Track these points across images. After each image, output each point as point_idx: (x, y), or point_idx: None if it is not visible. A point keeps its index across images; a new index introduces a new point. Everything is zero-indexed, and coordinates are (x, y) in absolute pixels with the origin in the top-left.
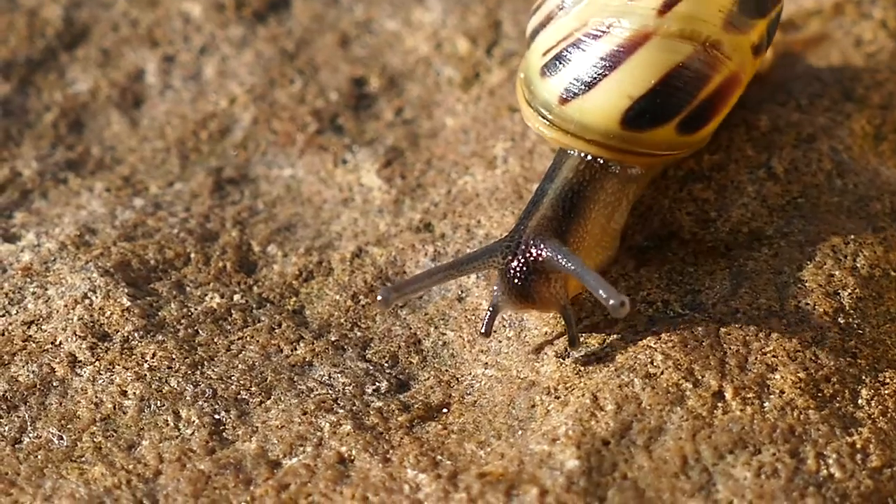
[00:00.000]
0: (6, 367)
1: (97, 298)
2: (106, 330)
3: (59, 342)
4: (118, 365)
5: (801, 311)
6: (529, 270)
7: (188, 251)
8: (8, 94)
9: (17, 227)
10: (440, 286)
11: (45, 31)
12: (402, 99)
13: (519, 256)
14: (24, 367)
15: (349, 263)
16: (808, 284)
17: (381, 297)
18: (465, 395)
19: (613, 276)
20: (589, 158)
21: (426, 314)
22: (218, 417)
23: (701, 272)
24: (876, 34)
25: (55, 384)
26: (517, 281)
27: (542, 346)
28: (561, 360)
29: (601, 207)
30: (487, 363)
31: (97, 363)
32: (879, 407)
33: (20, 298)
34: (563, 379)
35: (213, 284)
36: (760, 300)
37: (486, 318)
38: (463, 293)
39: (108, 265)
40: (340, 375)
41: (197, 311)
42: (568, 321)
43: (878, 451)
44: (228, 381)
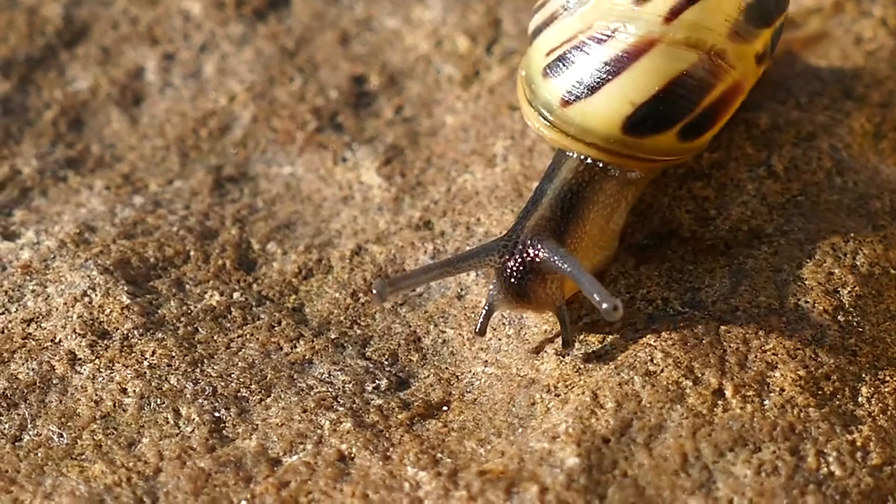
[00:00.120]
0: (6, 364)
1: (97, 296)
2: (105, 328)
3: (58, 340)
4: (118, 363)
5: (800, 308)
6: (526, 270)
7: (188, 249)
8: (8, 91)
9: (16, 224)
10: (437, 283)
11: (44, 29)
12: (401, 97)
13: (516, 256)
14: (23, 364)
15: (349, 261)
16: (807, 282)
17: (375, 290)
18: (465, 392)
19: (613, 273)
20: (588, 161)
21: (426, 312)
22: (218, 415)
23: (701, 270)
24: (876, 32)
25: (55, 382)
26: (513, 280)
27: (542, 343)
28: (561, 357)
29: (600, 209)
30: (487, 361)
31: (97, 361)
32: (879, 405)
33: (20, 296)
34: (563, 377)
35: (212, 282)
36: (760, 298)
37: (481, 317)
38: (463, 291)
39: (107, 263)
40: (340, 373)
41: (196, 308)
42: (563, 322)
43: (878, 448)
44: (228, 378)
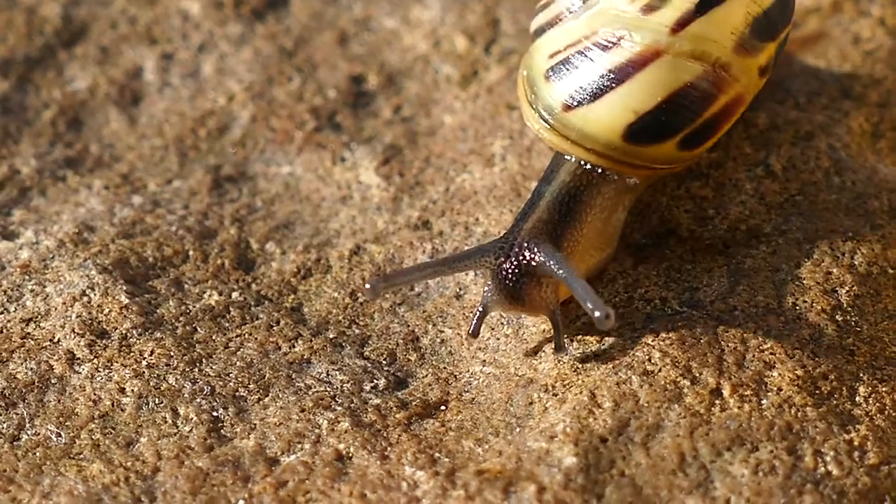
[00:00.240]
0: (4, 364)
1: (95, 296)
2: (104, 327)
3: (57, 339)
4: (116, 362)
5: (798, 308)
6: (521, 273)
7: (186, 248)
8: (6, 91)
9: (15, 224)
10: (436, 283)
11: (43, 28)
12: (400, 97)
13: (512, 258)
14: (22, 364)
15: (347, 261)
16: (805, 282)
17: (369, 286)
18: (463, 392)
19: (611, 273)
20: (587, 166)
21: (424, 311)
22: (216, 415)
23: (699, 270)
24: (874, 32)
25: (53, 381)
26: (508, 282)
27: (540, 343)
28: (565, 351)
29: (597, 212)
30: (485, 360)
31: (95, 360)
32: (877, 404)
33: (19, 296)
34: (560, 376)
35: (211, 282)
36: (758, 298)
37: (474, 318)
38: (461, 291)
39: (106, 262)
40: (338, 373)
41: (195, 308)
42: (556, 326)
43: (875, 448)
44: (226, 378)
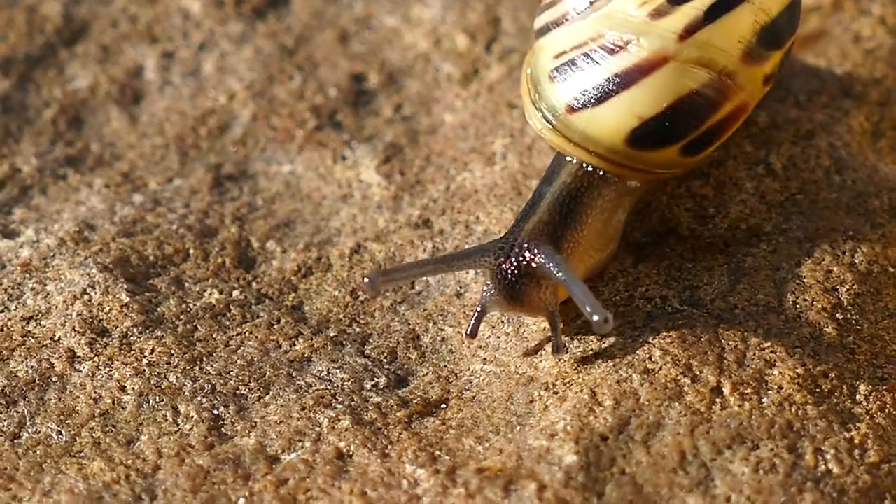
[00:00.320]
0: (5, 362)
1: (96, 294)
2: (105, 325)
3: (58, 338)
4: (117, 360)
5: (799, 307)
6: (521, 274)
7: (187, 247)
8: (7, 90)
9: (16, 223)
10: (437, 281)
11: (44, 27)
12: (401, 95)
13: (512, 259)
14: (23, 362)
15: (348, 259)
16: (806, 280)
17: (368, 281)
18: (463, 390)
19: (612, 272)
20: (589, 168)
21: (425, 310)
22: (217, 413)
23: (699, 268)
24: (875, 30)
25: (54, 379)
26: (508, 283)
27: (540, 342)
28: (563, 352)
29: (598, 213)
30: (486, 359)
31: (96, 359)
32: (878, 402)
33: (19, 294)
34: (561, 374)
35: (211, 280)
36: (759, 296)
37: (473, 318)
38: (462, 289)
39: (107, 261)
40: (339, 371)
41: (196, 306)
42: (554, 327)
43: (875, 446)
44: (227, 376)
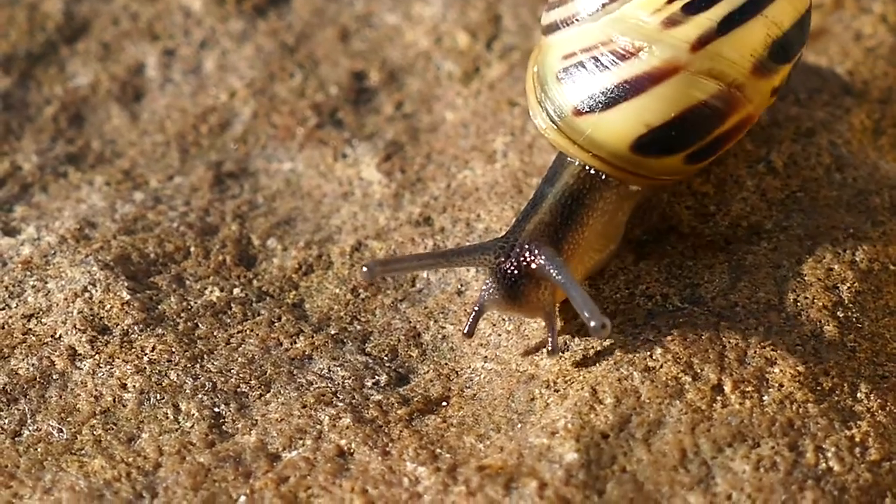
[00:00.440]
0: (6, 360)
1: (97, 292)
2: (106, 323)
3: (58, 335)
4: (118, 358)
5: (800, 305)
6: (521, 274)
7: (188, 245)
8: (8, 87)
9: (17, 220)
10: (437, 279)
11: (45, 24)
12: (401, 93)
13: (512, 259)
14: (23, 360)
15: (349, 257)
16: (807, 278)
17: (366, 268)
18: (464, 388)
19: (612, 269)
20: (591, 171)
21: (426, 308)
22: (217, 410)
23: (700, 266)
24: (876, 28)
25: (55, 377)
26: (507, 282)
27: (541, 340)
28: (560, 353)
29: (599, 215)
30: (487, 357)
31: (97, 356)
32: (878, 400)
33: (20, 292)
34: (562, 372)
35: (212, 278)
36: (759, 294)
37: (470, 318)
38: (463, 287)
39: (107, 259)
40: (340, 369)
41: (196, 304)
42: (551, 328)
43: (876, 444)
44: (228, 374)
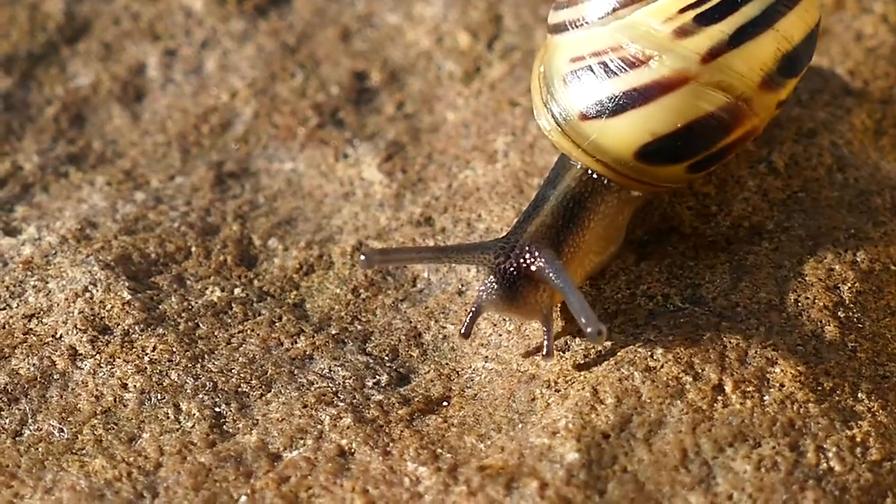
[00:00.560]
0: (7, 360)
1: (98, 292)
2: (106, 323)
3: (59, 335)
4: (119, 358)
5: (801, 305)
6: (520, 275)
7: (189, 245)
8: (9, 88)
9: (18, 220)
10: (438, 279)
11: (46, 24)
12: (403, 93)
13: (512, 260)
14: (24, 359)
15: (350, 257)
16: (808, 278)
17: (364, 256)
18: (465, 388)
19: (614, 269)
20: (594, 175)
21: (426, 308)
22: (218, 410)
23: (701, 266)
24: (877, 29)
25: (56, 377)
26: (506, 283)
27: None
28: (561, 353)
29: (600, 218)
30: (488, 356)
31: (98, 356)
32: (879, 400)
33: (21, 292)
34: (563, 372)
35: (213, 278)
36: (760, 294)
37: (468, 318)
38: (463, 287)
39: (108, 259)
40: (341, 369)
41: (197, 304)
42: (548, 331)
43: (877, 444)
44: (229, 374)
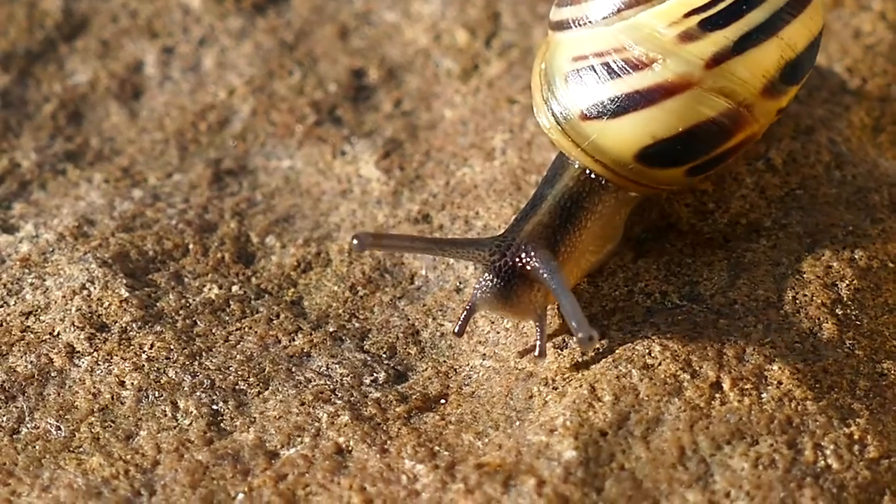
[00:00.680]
0: (4, 357)
1: (95, 289)
2: (104, 320)
3: (57, 333)
4: (116, 355)
5: (799, 302)
6: (515, 274)
7: (186, 242)
8: (7, 85)
9: (15, 217)
10: (435, 276)
11: (44, 22)
12: (400, 90)
13: (507, 258)
14: (22, 357)
15: (347, 255)
16: (806, 276)
17: (357, 239)
18: (462, 385)
19: (612, 267)
20: (592, 175)
21: (424, 305)
22: (216, 408)
23: (699, 263)
24: (875, 26)
25: (53, 375)
26: (500, 281)
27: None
28: (559, 351)
29: (597, 218)
30: (485, 354)
31: (95, 354)
32: (877, 398)
33: (18, 289)
34: (560, 370)
35: (211, 275)
36: (758, 291)
37: (461, 317)
38: (461, 284)
39: (106, 256)
40: (338, 366)
41: (195, 301)
42: (541, 331)
43: (875, 442)
44: (226, 371)
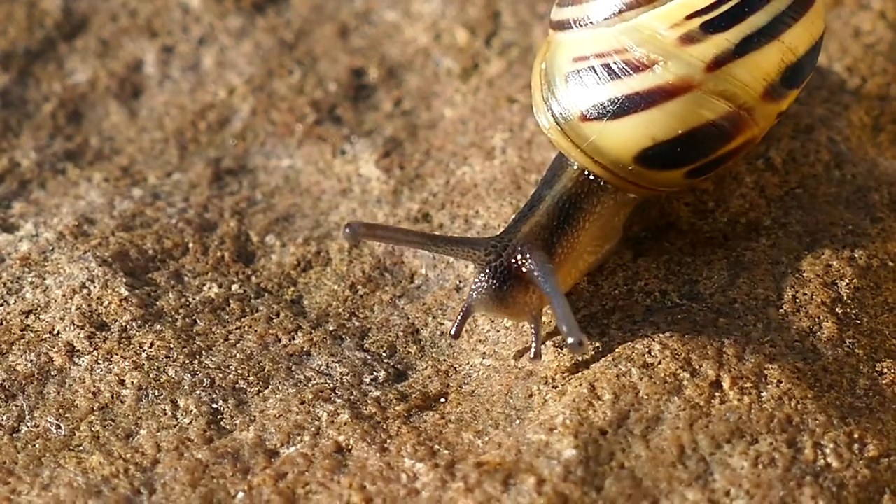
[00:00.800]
0: (4, 356)
1: (95, 288)
2: (104, 319)
3: (57, 332)
4: (116, 354)
5: (798, 301)
6: (510, 275)
7: (186, 241)
8: (7, 84)
9: (15, 217)
10: (435, 275)
11: (44, 21)
12: (400, 90)
13: (503, 259)
14: (22, 356)
15: (347, 254)
16: (805, 275)
17: (349, 229)
18: (462, 384)
19: (611, 266)
20: (591, 176)
21: (424, 304)
22: (216, 407)
23: (699, 262)
24: (875, 25)
25: (53, 373)
26: (495, 281)
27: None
28: (559, 349)
29: (595, 219)
30: (485, 353)
31: (95, 352)
32: (877, 397)
33: (18, 288)
34: (560, 368)
35: (211, 274)
36: (758, 290)
37: (458, 318)
38: (461, 283)
39: (106, 255)
40: (338, 365)
41: (195, 300)
42: (536, 332)
43: (875, 440)
44: (226, 370)
